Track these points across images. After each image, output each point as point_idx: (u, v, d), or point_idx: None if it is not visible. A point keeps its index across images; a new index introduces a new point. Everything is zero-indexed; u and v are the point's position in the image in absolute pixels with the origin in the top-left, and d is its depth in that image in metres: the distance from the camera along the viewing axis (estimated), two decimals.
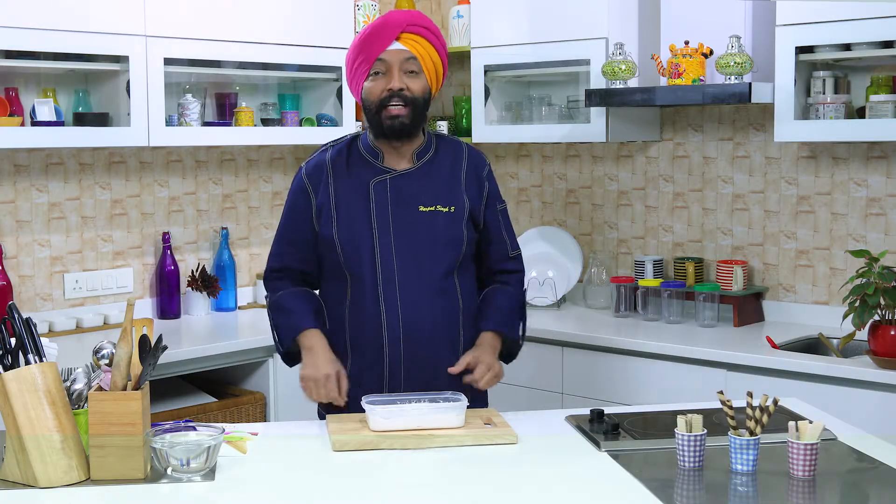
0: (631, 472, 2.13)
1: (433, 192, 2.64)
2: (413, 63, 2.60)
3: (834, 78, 3.59)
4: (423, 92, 2.62)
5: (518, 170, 4.65)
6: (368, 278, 2.61)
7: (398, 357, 2.62)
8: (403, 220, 2.62)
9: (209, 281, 4.14)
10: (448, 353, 2.66)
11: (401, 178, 2.65)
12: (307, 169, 2.70)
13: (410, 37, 2.60)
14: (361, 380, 2.64)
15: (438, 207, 2.64)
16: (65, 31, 3.47)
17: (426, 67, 2.62)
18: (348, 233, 2.62)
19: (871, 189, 3.73)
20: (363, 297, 2.63)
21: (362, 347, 2.65)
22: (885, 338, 3.16)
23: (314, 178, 2.68)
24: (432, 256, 2.62)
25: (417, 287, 2.61)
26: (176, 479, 2.10)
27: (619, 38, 3.91)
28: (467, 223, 2.67)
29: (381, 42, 2.58)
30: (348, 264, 2.63)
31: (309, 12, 4.11)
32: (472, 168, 2.72)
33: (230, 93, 4.19)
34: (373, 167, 2.66)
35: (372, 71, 2.60)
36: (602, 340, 3.72)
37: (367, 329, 2.63)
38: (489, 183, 2.74)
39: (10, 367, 2.12)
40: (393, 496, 2.04)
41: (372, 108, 2.61)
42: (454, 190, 2.67)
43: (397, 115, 2.58)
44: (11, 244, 3.77)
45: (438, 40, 2.65)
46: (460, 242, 2.66)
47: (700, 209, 4.15)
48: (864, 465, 2.20)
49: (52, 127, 3.56)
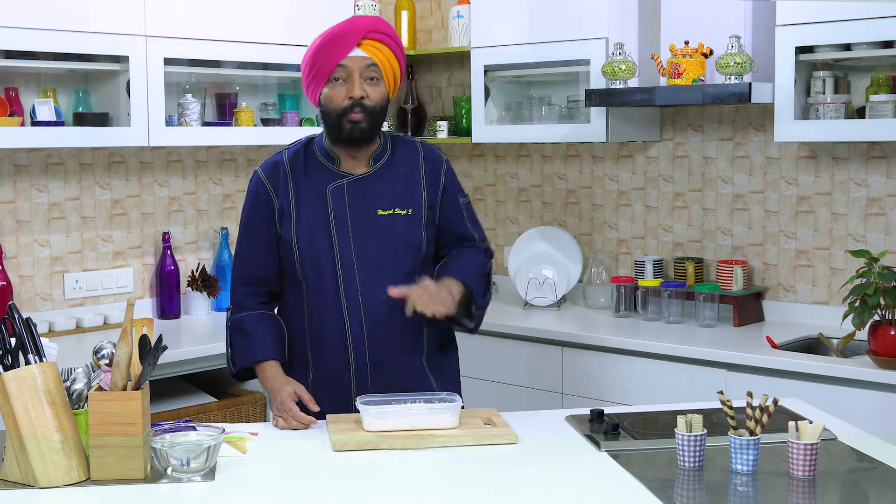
0: (631, 472, 2.13)
1: (391, 195, 2.63)
2: (374, 70, 2.58)
3: (834, 78, 3.59)
4: (382, 99, 2.60)
5: (518, 170, 4.65)
6: (330, 285, 2.60)
7: (364, 362, 2.61)
8: (362, 224, 2.61)
9: (209, 281, 4.14)
10: (413, 356, 2.66)
11: (358, 182, 2.63)
12: (264, 168, 2.68)
13: (371, 43, 2.57)
14: (328, 386, 2.63)
15: (396, 210, 2.63)
16: (65, 31, 3.47)
17: (385, 74, 2.60)
18: (308, 239, 2.61)
19: (871, 189, 3.73)
20: (324, 304, 2.61)
21: (325, 355, 2.63)
22: (885, 338, 3.16)
23: (272, 178, 2.65)
24: (392, 259, 2.61)
25: (379, 291, 2.58)
26: (176, 479, 2.10)
27: (619, 38, 3.91)
28: (427, 225, 2.66)
29: (342, 48, 2.55)
30: (305, 272, 2.61)
31: (309, 12, 4.11)
32: (430, 166, 2.70)
33: (230, 93, 4.19)
34: (329, 171, 2.64)
35: (332, 77, 2.57)
36: (602, 340, 3.72)
37: (330, 336, 2.62)
38: (447, 177, 2.71)
39: (10, 367, 2.12)
40: (393, 496, 2.04)
41: (332, 115, 2.58)
42: (412, 192, 2.66)
43: (357, 121, 2.56)
44: (11, 244, 3.77)
45: (398, 46, 2.63)
46: (419, 244, 2.65)
47: (700, 209, 4.15)
48: (864, 465, 2.20)
49: (52, 127, 3.56)
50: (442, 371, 2.74)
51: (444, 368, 2.76)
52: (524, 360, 3.92)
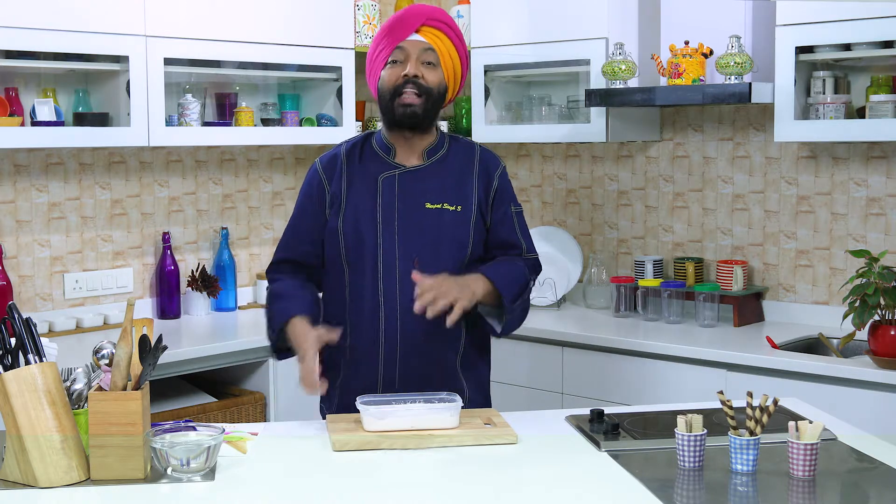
0: (631, 472, 2.13)
1: (441, 189, 2.63)
2: (431, 54, 2.60)
3: (834, 78, 3.59)
4: (439, 84, 2.61)
5: (518, 170, 4.65)
6: (369, 272, 2.60)
7: (394, 354, 2.60)
8: (409, 215, 2.60)
9: (209, 281, 4.14)
10: (447, 352, 2.64)
11: (410, 173, 2.64)
12: (322, 161, 2.70)
13: (431, 30, 2.60)
14: (358, 372, 2.63)
15: (445, 206, 2.62)
16: (65, 31, 3.47)
17: (444, 63, 2.61)
18: (353, 224, 2.61)
19: (871, 189, 3.73)
20: (362, 290, 2.62)
21: (358, 341, 2.63)
22: (885, 338, 3.16)
23: (329, 169, 2.67)
24: (436, 254, 2.60)
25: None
26: (176, 479, 2.10)
27: (619, 38, 3.91)
28: (476, 225, 2.65)
29: (402, 31, 2.59)
30: (349, 255, 2.62)
31: (309, 12, 4.11)
32: (485, 168, 2.69)
33: (230, 93, 4.19)
34: (383, 162, 2.65)
35: (390, 59, 2.60)
36: (602, 340, 3.72)
37: (364, 323, 2.61)
38: (499, 182, 2.69)
39: (10, 367, 2.12)
40: (393, 496, 2.04)
41: (386, 95, 2.60)
42: (463, 189, 2.65)
43: (410, 103, 2.57)
44: (11, 244, 3.77)
45: (460, 41, 2.64)
46: (465, 243, 2.63)
47: (700, 209, 4.15)
48: (864, 465, 2.20)
49: (52, 127, 3.56)
50: (475, 373, 2.72)
51: (479, 371, 2.73)
52: (524, 360, 3.92)
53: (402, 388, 2.60)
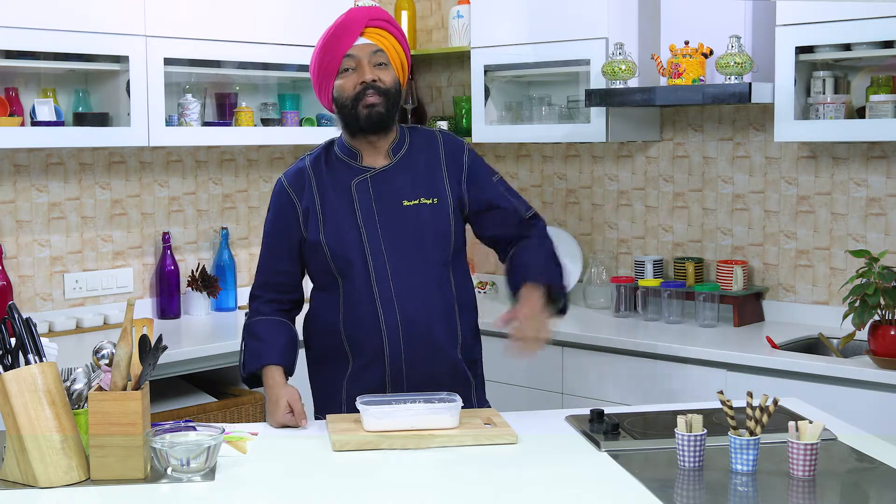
0: (631, 472, 2.13)
1: (414, 185, 2.64)
2: (381, 55, 2.60)
3: (834, 78, 3.59)
4: (394, 83, 2.62)
5: (518, 170, 4.65)
6: (361, 278, 2.61)
7: (399, 353, 2.61)
8: (389, 216, 2.62)
9: (209, 281, 4.14)
10: (447, 345, 2.65)
11: (381, 174, 2.64)
12: (287, 176, 2.70)
13: (374, 31, 2.60)
14: (363, 378, 2.64)
15: (422, 200, 2.63)
16: (65, 31, 3.47)
17: (392, 60, 2.62)
18: (335, 235, 2.61)
19: (871, 189, 3.73)
20: (358, 297, 2.62)
21: (361, 349, 2.64)
22: (885, 338, 3.16)
23: (296, 184, 2.67)
24: (422, 249, 2.62)
25: (411, 281, 2.60)
26: (176, 479, 2.10)
27: (619, 38, 3.91)
28: (455, 213, 2.66)
29: (346, 39, 2.58)
30: (338, 266, 2.62)
31: (309, 12, 4.11)
32: (451, 155, 2.70)
33: (230, 93, 4.19)
34: (352, 168, 2.65)
35: (341, 68, 2.59)
36: (602, 340, 3.72)
37: (364, 328, 2.62)
38: (468, 161, 2.70)
39: (10, 367, 2.12)
40: (393, 496, 2.04)
41: (347, 103, 2.59)
42: (435, 181, 2.66)
43: (374, 103, 2.57)
44: (11, 244, 3.77)
45: (400, 33, 2.65)
46: (448, 234, 2.65)
47: (700, 209, 4.15)
48: (864, 465, 2.20)
49: (52, 127, 3.56)
50: (474, 364, 2.76)
51: (477, 362, 2.78)
52: (524, 359, 3.91)
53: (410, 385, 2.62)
